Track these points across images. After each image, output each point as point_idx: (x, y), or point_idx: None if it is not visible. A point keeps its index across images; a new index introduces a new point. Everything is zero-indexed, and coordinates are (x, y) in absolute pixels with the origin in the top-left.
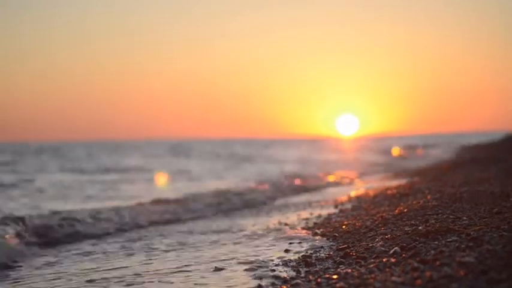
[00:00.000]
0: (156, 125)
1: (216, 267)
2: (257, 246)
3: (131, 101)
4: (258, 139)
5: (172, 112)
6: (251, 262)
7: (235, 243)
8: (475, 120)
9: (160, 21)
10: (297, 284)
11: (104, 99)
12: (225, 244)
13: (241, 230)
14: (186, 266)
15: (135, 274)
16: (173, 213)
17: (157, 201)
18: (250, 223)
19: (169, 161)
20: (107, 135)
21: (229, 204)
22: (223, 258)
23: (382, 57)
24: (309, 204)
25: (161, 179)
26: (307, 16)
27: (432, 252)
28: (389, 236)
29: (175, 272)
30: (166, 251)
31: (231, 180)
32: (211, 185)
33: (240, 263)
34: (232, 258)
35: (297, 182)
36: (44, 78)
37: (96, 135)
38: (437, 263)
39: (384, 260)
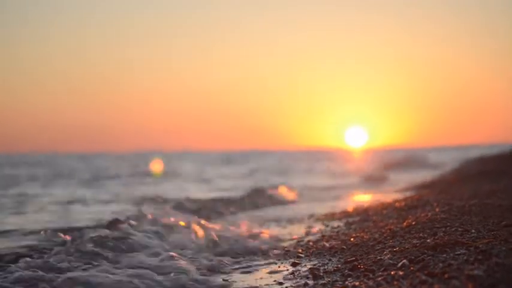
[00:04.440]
0: (155, 137)
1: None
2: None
3: (134, 112)
4: (263, 151)
5: (173, 124)
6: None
7: None
8: (484, 132)
9: (165, 31)
10: None
11: (106, 111)
12: None
13: None
14: None
15: None
16: None
17: None
18: None
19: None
20: (109, 148)
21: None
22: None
23: (392, 69)
24: None
25: None
26: (315, 25)
27: (440, 265)
28: (397, 248)
29: None
30: None
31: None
32: None
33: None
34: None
35: None
36: (47, 90)
37: (97, 147)
38: (446, 276)
39: (392, 273)
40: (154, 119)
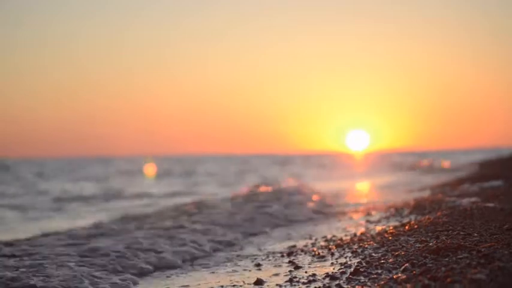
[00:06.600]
0: (160, 141)
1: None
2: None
3: (135, 118)
4: (266, 155)
5: (177, 129)
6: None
7: None
8: (486, 136)
9: (164, 36)
10: None
11: (106, 117)
12: None
13: None
14: None
15: None
16: None
17: None
18: None
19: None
20: (112, 152)
21: None
22: None
23: (394, 72)
24: None
25: None
26: (317, 29)
27: (443, 269)
28: (399, 252)
29: None
30: None
31: None
32: None
33: None
34: None
35: None
36: (45, 96)
37: (99, 152)
38: (448, 280)
39: (394, 276)
40: (153, 123)
